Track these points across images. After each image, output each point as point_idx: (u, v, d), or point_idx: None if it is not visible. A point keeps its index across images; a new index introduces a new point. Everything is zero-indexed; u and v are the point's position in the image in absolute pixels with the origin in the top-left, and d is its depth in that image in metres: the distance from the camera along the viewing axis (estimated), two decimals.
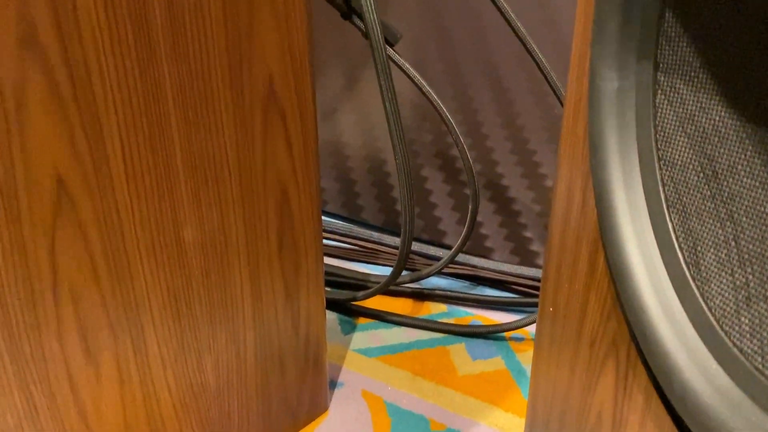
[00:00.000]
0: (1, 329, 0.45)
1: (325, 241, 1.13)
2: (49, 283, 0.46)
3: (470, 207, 0.83)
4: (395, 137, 0.76)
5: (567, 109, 0.44)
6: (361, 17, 0.74)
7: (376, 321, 0.91)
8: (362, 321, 0.91)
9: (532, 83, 0.89)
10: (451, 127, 0.78)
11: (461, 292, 0.95)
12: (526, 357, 0.84)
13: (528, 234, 0.99)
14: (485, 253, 1.03)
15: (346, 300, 0.91)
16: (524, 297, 0.95)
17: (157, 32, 0.46)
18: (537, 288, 0.96)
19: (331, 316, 0.93)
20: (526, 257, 1.00)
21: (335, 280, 0.99)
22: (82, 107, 0.43)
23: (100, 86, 0.44)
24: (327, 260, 1.08)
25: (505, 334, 0.88)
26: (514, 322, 0.86)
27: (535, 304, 0.93)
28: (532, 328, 0.89)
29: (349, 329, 0.90)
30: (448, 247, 1.07)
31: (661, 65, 0.36)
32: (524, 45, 0.74)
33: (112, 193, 0.47)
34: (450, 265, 1.02)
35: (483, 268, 1.01)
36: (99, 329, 0.50)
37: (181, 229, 0.52)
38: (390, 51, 0.76)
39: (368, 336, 0.88)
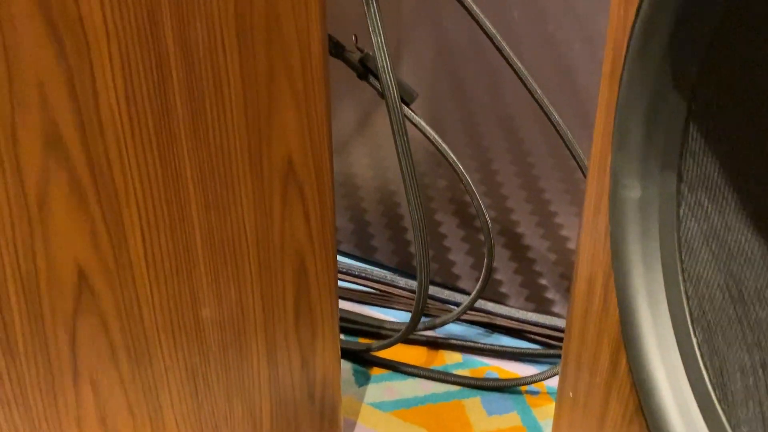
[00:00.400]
0: (22, 419, 0.45)
1: (339, 283, 1.13)
2: (69, 371, 0.46)
3: (485, 262, 0.83)
4: (411, 195, 0.76)
5: (587, 203, 0.44)
6: (377, 77, 0.74)
7: (391, 371, 0.91)
8: (376, 371, 0.91)
9: (548, 135, 0.89)
10: (468, 185, 0.78)
11: (477, 342, 0.95)
12: (541, 412, 0.83)
13: (543, 282, 0.99)
14: (500, 299, 1.03)
15: (361, 351, 0.91)
16: (540, 347, 0.94)
17: (178, 122, 0.46)
18: (553, 338, 0.96)
19: (346, 366, 0.92)
20: (542, 304, 1.00)
21: (349, 326, 0.99)
22: (104, 201, 0.44)
23: (122, 179, 0.44)
24: (341, 303, 1.08)
25: (521, 387, 0.88)
26: (531, 377, 0.86)
27: (551, 356, 0.93)
28: (548, 381, 0.88)
29: (363, 380, 0.89)
30: (463, 291, 1.07)
31: (685, 177, 0.36)
32: (541, 107, 0.74)
33: (132, 282, 0.47)
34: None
35: (498, 315, 1.00)
36: (118, 412, 0.50)
37: (200, 308, 0.52)
38: (406, 110, 0.76)
39: (382, 388, 0.88)
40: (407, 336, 0.86)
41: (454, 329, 1.00)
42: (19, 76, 0.38)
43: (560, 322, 0.97)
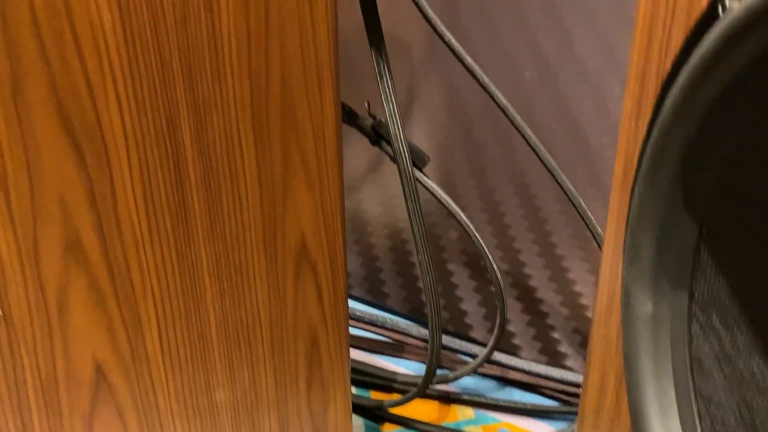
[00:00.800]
0: None
1: (350, 330, 1.13)
2: None
3: (498, 321, 0.83)
4: (423, 258, 0.76)
5: (599, 303, 0.44)
6: (389, 143, 0.75)
7: (403, 428, 0.91)
8: (388, 428, 0.91)
9: (560, 192, 0.89)
10: (481, 247, 0.78)
11: (489, 398, 0.94)
12: None
13: (556, 335, 0.99)
14: (513, 350, 1.03)
15: (374, 407, 0.91)
16: (554, 402, 0.94)
17: (195, 217, 0.47)
18: (566, 393, 0.95)
19: (357, 422, 0.92)
20: (555, 357, 0.99)
21: (360, 378, 0.99)
22: (121, 299, 0.45)
23: (139, 276, 0.45)
24: (351, 353, 1.08)
25: None
26: None
27: (565, 413, 0.92)
28: None
29: None
30: (475, 341, 1.06)
31: (696, 296, 0.36)
32: (553, 176, 0.74)
33: (148, 373, 0.48)
34: None
35: (511, 368, 1.00)
36: None
37: (213, 392, 0.53)
38: (418, 174, 0.77)
39: None
40: (421, 394, 0.86)
41: (466, 381, 1.00)
42: (41, 187, 0.39)
43: (573, 377, 0.97)
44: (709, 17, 0.31)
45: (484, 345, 1.02)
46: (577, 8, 0.81)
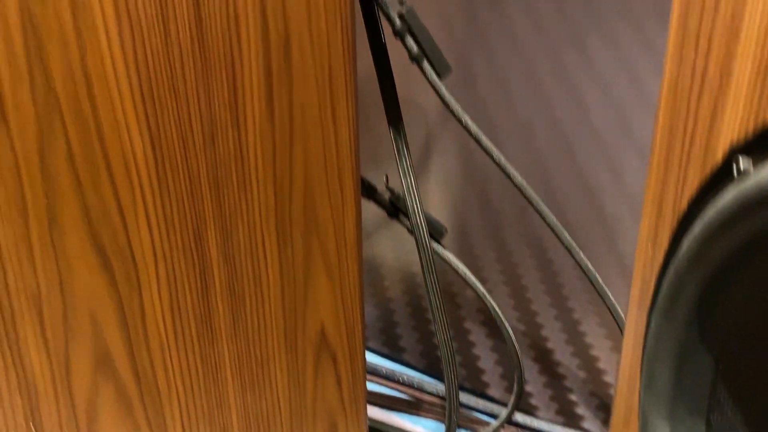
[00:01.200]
0: None
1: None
2: None
3: (515, 388, 0.84)
4: (440, 328, 0.77)
5: (616, 416, 0.44)
6: (407, 216, 0.76)
7: None
8: None
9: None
10: (499, 318, 0.79)
11: None
12: None
13: (573, 397, 0.98)
14: (530, 410, 1.03)
15: None
16: None
17: (219, 321, 0.48)
18: None
19: None
20: (572, 419, 0.99)
21: None
22: (147, 404, 0.46)
23: (165, 381, 0.46)
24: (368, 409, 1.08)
25: None
26: None
27: None
28: None
29: None
30: (492, 399, 1.06)
31: (714, 426, 0.37)
32: (571, 254, 0.75)
33: None
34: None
35: (528, 428, 1.00)
36: None
37: None
38: (435, 246, 0.78)
39: None
40: None
41: None
42: (73, 306, 0.40)
43: None
44: (723, 174, 0.32)
45: (501, 403, 1.02)
46: (593, 81, 0.82)
